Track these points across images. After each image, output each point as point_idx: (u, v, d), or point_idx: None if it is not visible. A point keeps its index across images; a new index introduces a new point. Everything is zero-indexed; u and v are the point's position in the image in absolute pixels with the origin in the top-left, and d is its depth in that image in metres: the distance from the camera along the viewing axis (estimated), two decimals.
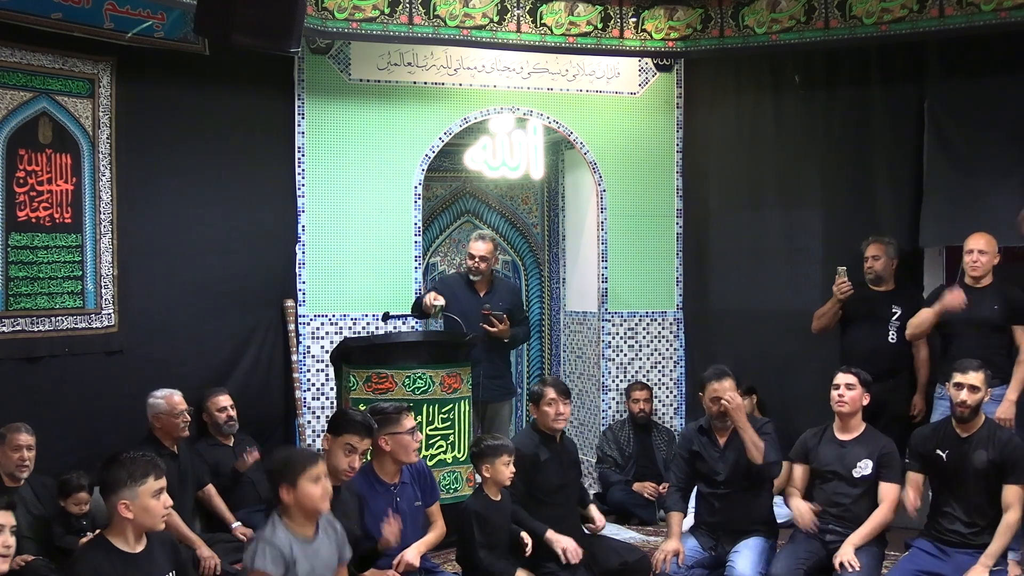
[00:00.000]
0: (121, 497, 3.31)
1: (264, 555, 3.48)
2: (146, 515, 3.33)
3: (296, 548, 3.52)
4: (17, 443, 4.64)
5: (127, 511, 3.30)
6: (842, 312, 6.14)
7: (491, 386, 6.30)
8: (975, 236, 5.59)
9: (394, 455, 4.39)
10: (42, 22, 5.38)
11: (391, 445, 4.37)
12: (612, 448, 6.78)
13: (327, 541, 3.68)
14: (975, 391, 4.56)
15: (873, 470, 4.69)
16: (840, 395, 4.79)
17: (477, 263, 6.36)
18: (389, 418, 4.39)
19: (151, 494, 3.34)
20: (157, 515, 3.36)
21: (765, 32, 6.58)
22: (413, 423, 4.47)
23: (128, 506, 3.30)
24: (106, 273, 5.79)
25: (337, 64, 6.64)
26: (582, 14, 6.61)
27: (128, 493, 3.31)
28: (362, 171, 6.67)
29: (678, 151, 7.23)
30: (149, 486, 3.33)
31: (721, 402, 4.77)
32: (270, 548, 3.49)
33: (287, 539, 3.51)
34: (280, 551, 3.48)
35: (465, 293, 6.38)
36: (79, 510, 4.77)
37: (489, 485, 4.57)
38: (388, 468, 4.41)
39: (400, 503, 4.35)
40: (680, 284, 7.24)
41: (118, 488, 3.31)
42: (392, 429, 4.37)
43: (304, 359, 6.56)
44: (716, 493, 4.87)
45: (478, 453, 4.57)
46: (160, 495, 3.37)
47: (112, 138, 5.80)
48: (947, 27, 5.99)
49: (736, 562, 4.65)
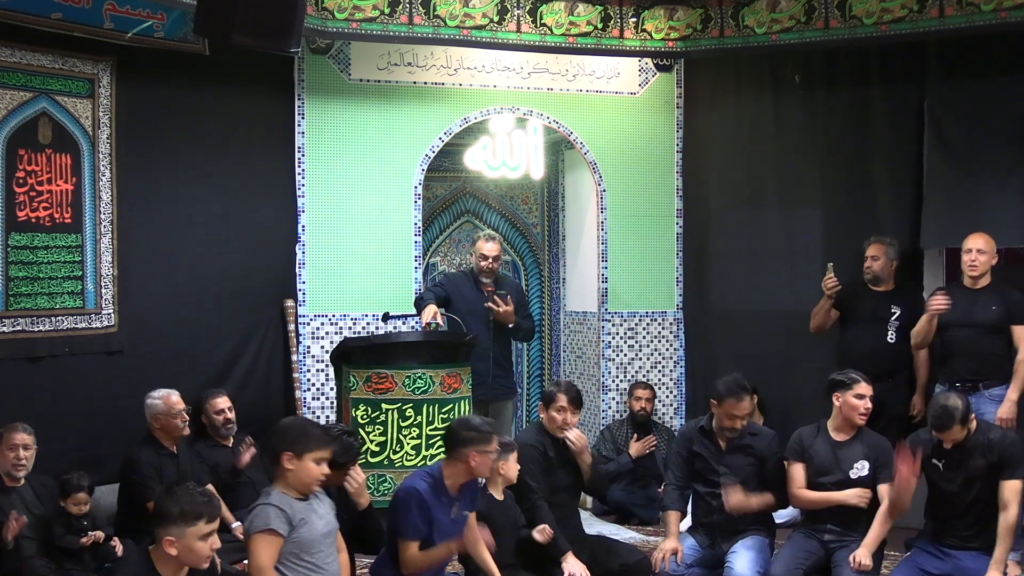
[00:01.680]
0: (168, 533, 3.17)
1: (268, 515, 3.51)
2: (191, 555, 3.21)
3: (297, 506, 3.58)
4: (13, 442, 4.64)
5: (171, 548, 3.17)
6: (841, 311, 6.15)
7: (495, 385, 6.28)
8: (973, 236, 5.59)
9: (474, 472, 4.26)
10: (42, 22, 5.38)
11: (476, 461, 4.23)
12: (609, 448, 6.77)
13: (322, 504, 3.76)
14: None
15: (870, 471, 4.68)
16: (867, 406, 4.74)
17: (491, 264, 6.32)
18: (482, 435, 4.25)
19: (199, 536, 3.19)
20: (203, 556, 3.24)
21: (765, 32, 6.58)
22: (498, 448, 4.36)
23: (173, 543, 3.17)
24: (106, 273, 5.79)
25: (337, 64, 6.64)
26: (582, 14, 6.61)
27: (176, 531, 3.17)
28: (362, 171, 6.67)
29: (678, 151, 7.23)
30: (199, 528, 3.19)
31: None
32: (273, 508, 3.52)
33: (283, 499, 3.58)
34: (283, 510, 3.53)
35: (471, 291, 6.34)
36: (79, 510, 4.76)
37: (493, 485, 4.56)
38: (457, 481, 4.26)
39: (452, 515, 4.27)
40: (680, 284, 7.24)
41: (166, 524, 3.17)
42: (482, 448, 4.23)
43: (304, 359, 6.56)
44: (714, 493, 4.87)
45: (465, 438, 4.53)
46: (209, 538, 3.22)
47: (112, 138, 5.81)
48: (947, 27, 5.99)
49: (734, 562, 4.65)
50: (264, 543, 3.50)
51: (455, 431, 4.29)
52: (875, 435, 4.82)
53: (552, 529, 4.64)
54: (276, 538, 3.51)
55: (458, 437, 4.24)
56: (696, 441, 4.95)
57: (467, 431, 4.24)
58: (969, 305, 5.54)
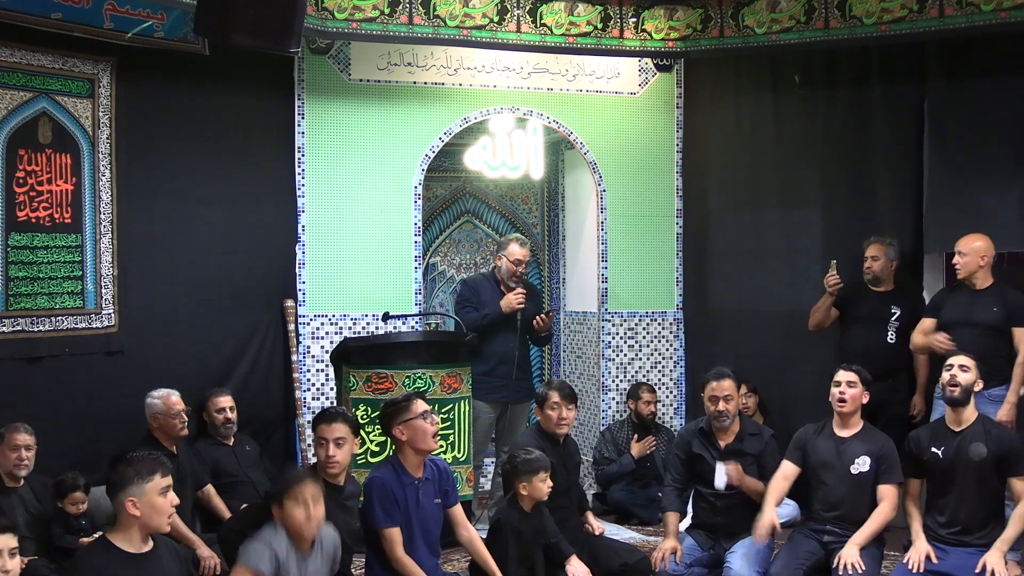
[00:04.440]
0: (128, 495, 3.29)
1: (261, 555, 3.55)
2: (153, 513, 3.32)
3: (291, 557, 3.61)
4: (15, 443, 4.64)
5: (134, 508, 3.28)
6: (841, 311, 6.15)
7: (516, 387, 6.23)
8: (964, 238, 5.61)
9: (412, 444, 4.31)
10: (42, 22, 5.38)
11: (406, 434, 4.30)
12: (611, 450, 6.76)
13: (319, 558, 3.77)
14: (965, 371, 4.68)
15: (872, 468, 4.69)
16: (841, 392, 4.75)
17: (523, 269, 6.20)
18: (399, 407, 4.34)
19: (158, 491, 3.33)
20: (164, 513, 3.35)
21: (765, 32, 6.58)
22: (425, 407, 4.37)
23: (135, 503, 3.29)
24: (106, 273, 5.79)
25: (337, 64, 6.64)
26: (582, 14, 6.61)
27: (135, 490, 3.29)
28: (362, 171, 6.67)
29: (678, 151, 7.23)
30: (156, 483, 3.32)
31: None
32: (268, 550, 3.56)
33: (285, 547, 3.60)
34: (276, 556, 3.57)
35: (496, 296, 6.17)
36: (76, 510, 4.76)
37: (524, 499, 4.53)
38: (411, 460, 4.33)
39: (421, 498, 4.31)
40: (680, 284, 7.24)
41: (125, 485, 3.30)
42: (404, 417, 4.31)
43: (304, 359, 6.56)
44: (715, 493, 4.88)
45: (512, 470, 4.52)
46: (167, 493, 3.36)
47: (112, 138, 5.81)
48: (947, 27, 5.99)
49: (734, 562, 4.66)
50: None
51: (381, 415, 4.41)
52: (878, 433, 4.83)
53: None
54: None
55: (383, 419, 4.38)
56: (695, 442, 4.96)
57: (387, 409, 4.38)
58: (969, 306, 5.54)
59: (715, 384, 4.86)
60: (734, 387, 4.90)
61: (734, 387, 4.90)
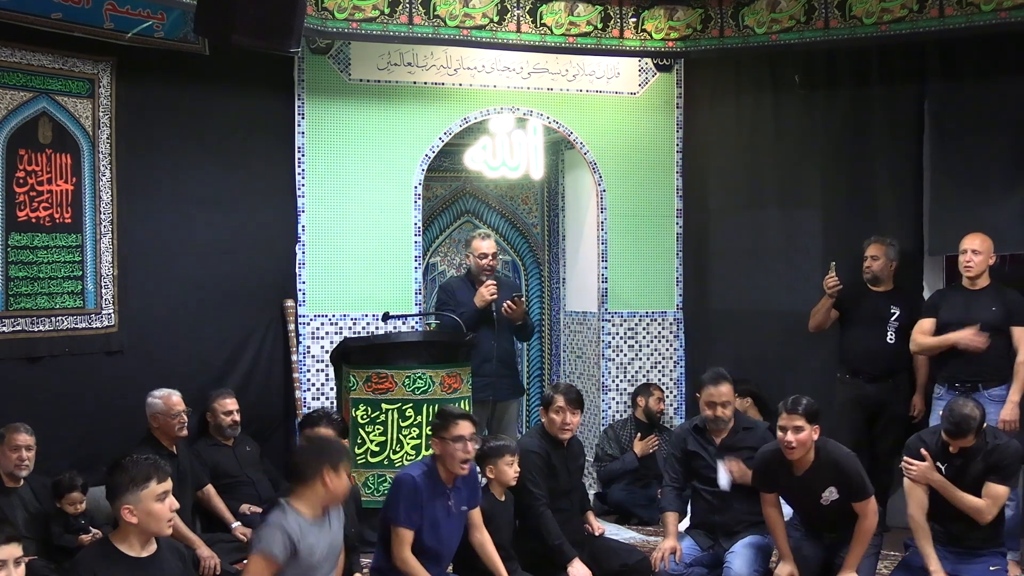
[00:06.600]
0: (125, 502, 3.25)
1: (273, 539, 3.53)
2: (151, 519, 3.27)
3: (305, 528, 3.58)
4: (16, 443, 4.65)
5: (131, 516, 3.24)
6: (840, 312, 6.14)
7: (501, 384, 6.22)
8: (969, 236, 5.59)
9: (441, 460, 4.29)
10: (42, 22, 5.37)
11: (439, 448, 4.29)
12: (614, 447, 6.76)
13: (335, 524, 3.77)
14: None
15: (841, 495, 4.51)
16: (789, 441, 4.39)
17: (490, 261, 6.21)
18: (443, 421, 4.31)
19: (155, 497, 3.27)
20: (163, 519, 3.30)
21: (765, 32, 6.58)
22: (462, 432, 4.25)
23: (132, 511, 3.24)
24: (106, 273, 5.79)
25: (337, 64, 6.64)
26: (582, 14, 6.61)
27: (131, 498, 3.25)
28: (362, 171, 6.67)
29: (678, 151, 7.23)
30: (152, 490, 3.27)
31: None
32: (281, 534, 3.53)
33: (296, 523, 3.57)
34: (289, 536, 3.54)
35: (471, 294, 6.17)
36: (74, 510, 4.76)
37: (494, 485, 4.58)
38: (444, 472, 4.29)
39: (452, 508, 4.30)
40: (680, 284, 7.24)
41: (121, 493, 3.26)
42: (440, 433, 4.28)
43: (304, 359, 6.56)
44: (713, 491, 4.88)
45: (481, 455, 4.54)
46: (165, 498, 3.31)
47: (112, 138, 5.81)
48: (947, 27, 5.99)
49: (733, 562, 4.66)
50: (261, 564, 3.54)
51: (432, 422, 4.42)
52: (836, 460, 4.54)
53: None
54: (273, 564, 3.53)
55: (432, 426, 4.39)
56: (691, 440, 4.96)
57: (436, 415, 4.39)
58: (968, 306, 5.54)
59: (712, 390, 4.84)
60: (731, 392, 4.90)
61: (731, 392, 4.90)
